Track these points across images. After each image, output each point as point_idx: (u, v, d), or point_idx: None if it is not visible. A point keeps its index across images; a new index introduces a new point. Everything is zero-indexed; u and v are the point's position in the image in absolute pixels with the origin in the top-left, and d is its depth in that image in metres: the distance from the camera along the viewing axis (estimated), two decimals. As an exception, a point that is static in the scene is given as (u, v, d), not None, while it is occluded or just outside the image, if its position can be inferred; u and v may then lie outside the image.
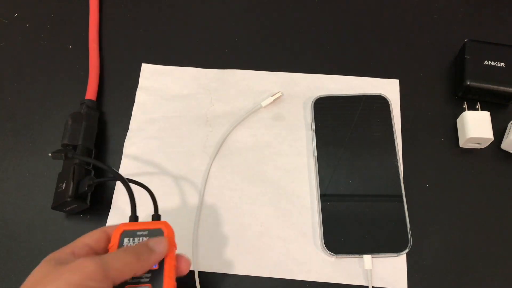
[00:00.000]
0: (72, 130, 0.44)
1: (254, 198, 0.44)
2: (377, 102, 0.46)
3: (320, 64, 0.50)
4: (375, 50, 0.51)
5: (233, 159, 0.46)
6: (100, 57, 0.51)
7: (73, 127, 0.44)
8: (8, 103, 0.50)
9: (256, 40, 0.52)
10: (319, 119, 0.46)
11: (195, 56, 0.51)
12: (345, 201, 0.42)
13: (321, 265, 0.41)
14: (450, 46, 0.50)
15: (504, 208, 0.43)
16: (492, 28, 0.52)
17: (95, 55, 0.51)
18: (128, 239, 0.33)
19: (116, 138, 0.47)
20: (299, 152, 0.46)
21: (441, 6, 0.53)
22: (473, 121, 0.44)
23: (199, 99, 0.48)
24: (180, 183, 0.45)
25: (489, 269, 0.41)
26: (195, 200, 0.44)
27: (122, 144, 0.47)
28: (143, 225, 0.33)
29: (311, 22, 0.53)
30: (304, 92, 0.48)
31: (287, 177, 0.45)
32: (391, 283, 0.40)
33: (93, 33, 0.52)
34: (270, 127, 0.47)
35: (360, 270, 0.40)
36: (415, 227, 0.42)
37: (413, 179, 0.44)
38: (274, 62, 0.50)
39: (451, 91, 0.48)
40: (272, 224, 0.43)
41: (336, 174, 0.44)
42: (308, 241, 0.42)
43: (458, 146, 0.46)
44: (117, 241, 0.32)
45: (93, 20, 0.53)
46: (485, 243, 0.42)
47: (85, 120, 0.45)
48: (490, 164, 0.45)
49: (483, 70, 0.45)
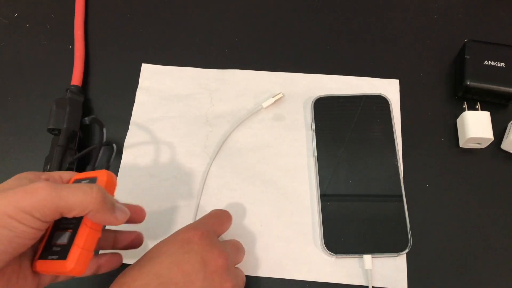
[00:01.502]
0: (57, 114, 0.45)
1: (254, 198, 0.44)
2: (377, 102, 0.46)
3: (320, 64, 0.50)
4: (375, 50, 0.51)
5: (233, 159, 0.46)
6: (99, 57, 0.51)
7: (57, 111, 0.45)
8: (8, 103, 0.50)
9: (256, 40, 0.52)
10: (319, 119, 0.46)
11: (195, 56, 0.51)
12: (345, 201, 0.42)
13: (321, 265, 0.41)
14: (450, 46, 0.50)
15: (504, 208, 0.43)
16: (492, 28, 0.52)
17: (80, 41, 0.52)
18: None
19: (116, 138, 0.47)
20: (299, 152, 0.46)
21: (441, 6, 0.53)
22: (473, 121, 0.44)
23: (199, 99, 0.48)
24: (180, 183, 0.45)
25: (489, 269, 0.41)
26: (195, 200, 0.44)
27: (123, 144, 0.47)
28: (89, 174, 0.33)
29: (311, 22, 0.53)
30: (304, 92, 0.48)
31: (287, 177, 0.44)
32: (391, 283, 0.40)
33: (78, 20, 0.53)
34: (270, 127, 0.47)
35: (360, 270, 0.40)
36: (415, 227, 0.42)
37: (413, 179, 0.44)
38: (274, 62, 0.50)
39: (451, 91, 0.48)
40: (272, 224, 0.43)
41: (336, 174, 0.44)
42: (308, 241, 0.42)
43: (458, 146, 0.46)
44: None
45: (79, 8, 0.54)
46: (485, 243, 0.42)
47: (69, 104, 0.45)
48: (490, 164, 0.45)
49: (483, 70, 0.45)
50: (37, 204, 0.26)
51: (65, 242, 0.30)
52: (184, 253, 0.32)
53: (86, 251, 0.29)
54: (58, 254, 0.29)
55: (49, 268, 0.30)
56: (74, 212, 0.28)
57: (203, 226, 0.35)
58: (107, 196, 0.29)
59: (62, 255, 0.29)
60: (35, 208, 0.26)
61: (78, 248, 0.29)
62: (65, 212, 0.27)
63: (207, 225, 0.36)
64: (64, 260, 0.29)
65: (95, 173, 0.33)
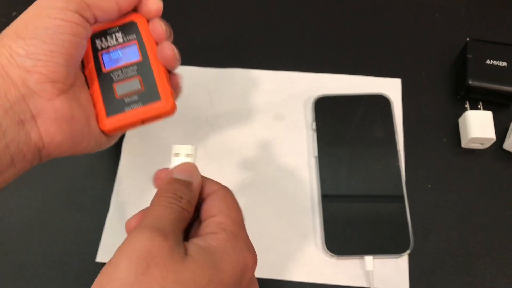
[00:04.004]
0: None
1: (254, 198, 0.43)
2: (378, 101, 0.46)
3: (321, 63, 0.50)
4: (376, 49, 0.50)
5: (233, 159, 0.45)
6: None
7: None
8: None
9: (256, 39, 0.52)
10: (320, 118, 0.46)
11: (194, 56, 0.51)
12: (346, 202, 0.42)
13: (322, 266, 0.41)
14: (452, 45, 0.50)
15: (506, 208, 0.43)
16: (495, 27, 0.51)
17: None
18: (99, 40, 0.33)
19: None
20: (300, 152, 0.45)
21: (443, 4, 0.53)
22: (475, 121, 0.44)
23: (199, 99, 0.48)
24: (180, 184, 0.44)
25: (491, 270, 0.40)
26: (195, 201, 0.43)
27: (121, 145, 0.46)
28: (113, 23, 0.33)
29: (311, 20, 0.53)
30: (304, 92, 0.48)
31: (288, 177, 0.44)
32: (393, 285, 0.40)
33: None
34: (271, 127, 0.47)
35: (362, 271, 0.40)
36: (417, 227, 0.42)
37: (415, 179, 0.44)
38: (274, 62, 0.50)
39: (453, 91, 0.48)
40: (272, 224, 0.42)
41: (337, 174, 0.43)
42: (308, 242, 0.41)
43: (460, 146, 0.45)
44: (89, 45, 0.33)
45: None
46: (488, 244, 0.41)
47: None
48: (492, 164, 0.44)
49: (485, 70, 0.45)
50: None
51: (139, 87, 0.31)
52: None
53: (170, 87, 0.32)
54: (140, 102, 0.31)
55: (130, 119, 0.31)
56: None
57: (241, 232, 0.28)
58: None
59: (148, 99, 0.31)
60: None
61: (166, 84, 0.32)
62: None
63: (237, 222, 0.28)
64: (159, 101, 0.31)
65: (121, 19, 0.33)
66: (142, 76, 0.32)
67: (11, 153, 0.28)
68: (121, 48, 0.33)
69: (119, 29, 0.33)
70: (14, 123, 0.28)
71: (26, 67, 0.28)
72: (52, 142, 0.30)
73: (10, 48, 0.28)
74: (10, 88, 0.28)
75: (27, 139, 0.28)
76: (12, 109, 0.27)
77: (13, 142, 0.28)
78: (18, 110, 0.28)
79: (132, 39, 0.33)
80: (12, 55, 0.28)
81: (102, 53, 0.33)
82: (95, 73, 0.33)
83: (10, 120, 0.27)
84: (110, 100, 0.32)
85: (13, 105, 0.28)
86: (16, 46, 0.28)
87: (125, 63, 0.33)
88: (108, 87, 0.32)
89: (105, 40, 0.33)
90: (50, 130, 0.29)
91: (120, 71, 0.32)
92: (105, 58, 0.33)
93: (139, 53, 0.33)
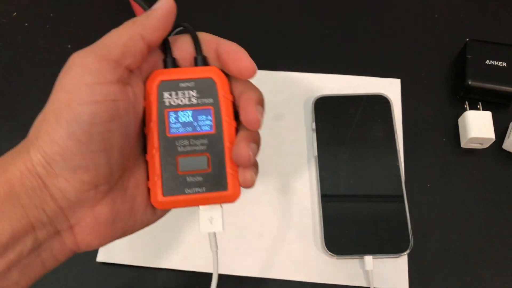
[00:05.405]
0: None
1: (254, 198, 0.43)
2: (378, 101, 0.46)
3: (321, 63, 0.50)
4: (376, 49, 0.51)
5: (233, 159, 0.45)
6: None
7: None
8: (8, 103, 0.49)
9: (256, 39, 0.52)
10: (320, 119, 0.46)
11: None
12: (346, 202, 0.42)
13: (321, 266, 0.41)
14: (451, 45, 0.50)
15: (506, 208, 0.43)
16: (494, 27, 0.51)
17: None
18: (169, 93, 0.27)
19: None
20: (300, 152, 0.45)
21: (442, 5, 0.53)
22: (474, 121, 0.44)
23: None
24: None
25: (491, 270, 0.40)
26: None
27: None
28: (186, 73, 0.27)
29: (311, 21, 0.53)
30: (304, 92, 0.48)
31: (288, 177, 0.44)
32: (392, 284, 0.40)
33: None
34: (270, 127, 0.47)
35: (361, 271, 0.40)
36: (416, 227, 0.42)
37: (414, 179, 0.44)
38: (274, 62, 0.50)
39: (453, 91, 0.48)
40: (272, 224, 0.42)
41: (336, 174, 0.43)
42: (308, 242, 0.42)
43: (460, 146, 0.45)
44: (156, 97, 0.26)
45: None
46: (487, 244, 0.41)
47: None
48: (492, 164, 0.44)
49: (484, 70, 0.45)
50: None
51: (205, 167, 0.26)
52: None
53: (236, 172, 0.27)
54: (203, 187, 0.27)
55: (189, 203, 0.27)
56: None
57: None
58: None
59: (213, 186, 0.27)
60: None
61: (235, 170, 0.27)
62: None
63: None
64: (225, 191, 0.27)
65: (197, 71, 0.27)
66: (211, 154, 0.26)
67: (42, 259, 0.25)
68: (193, 110, 0.27)
69: (194, 84, 0.27)
70: (50, 234, 0.25)
71: (65, 177, 0.24)
72: (89, 247, 0.26)
73: (45, 154, 0.24)
74: (48, 201, 0.24)
75: (62, 247, 0.25)
76: (51, 223, 0.24)
77: (46, 251, 0.25)
78: (56, 222, 0.25)
79: (208, 103, 0.27)
80: (49, 163, 0.24)
81: (169, 112, 0.27)
82: (157, 135, 0.26)
83: (47, 233, 0.24)
84: (170, 174, 0.26)
85: (52, 220, 0.24)
86: (51, 152, 0.23)
87: (194, 132, 0.27)
88: (170, 156, 0.26)
89: (176, 96, 0.27)
90: (87, 238, 0.26)
91: (187, 140, 0.27)
92: (171, 119, 0.27)
93: (213, 123, 0.27)
